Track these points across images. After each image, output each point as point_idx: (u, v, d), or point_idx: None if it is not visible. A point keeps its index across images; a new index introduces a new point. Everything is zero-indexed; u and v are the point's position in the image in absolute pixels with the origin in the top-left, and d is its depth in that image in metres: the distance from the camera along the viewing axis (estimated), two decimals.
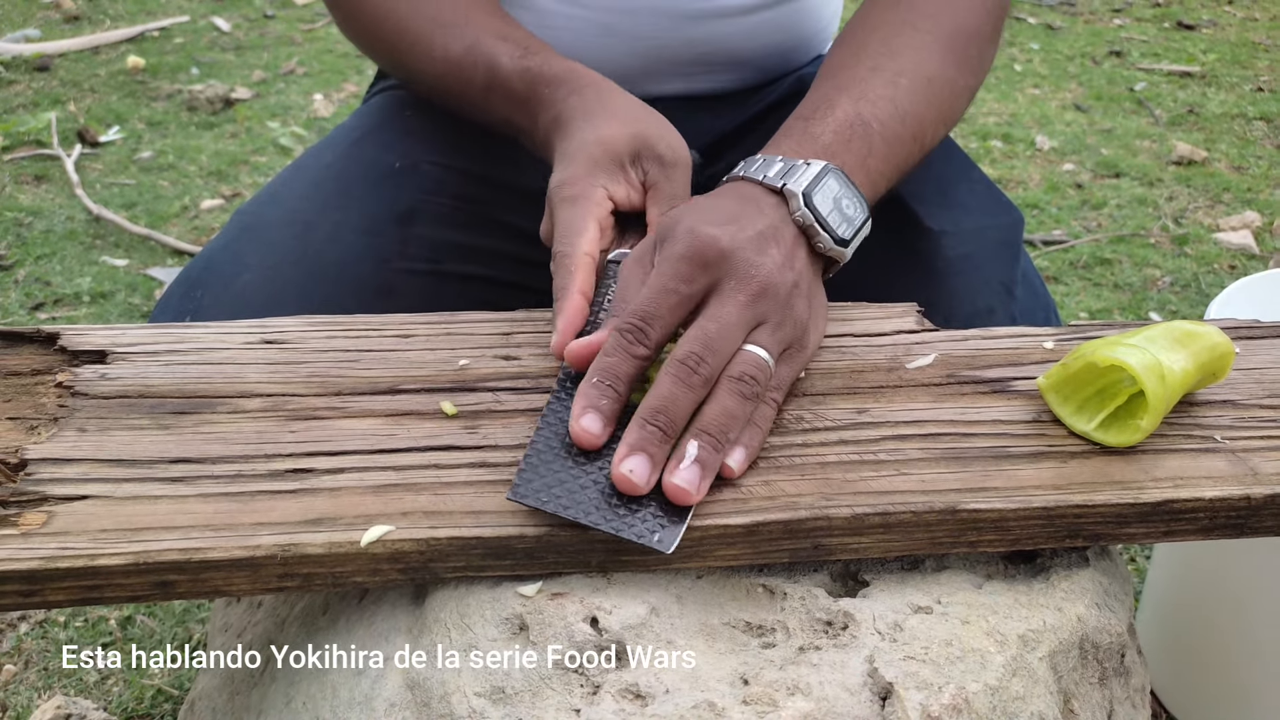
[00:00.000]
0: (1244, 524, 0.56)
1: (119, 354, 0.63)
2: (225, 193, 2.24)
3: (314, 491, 0.53)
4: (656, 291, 0.58)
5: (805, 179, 0.62)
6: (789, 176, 0.62)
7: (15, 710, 1.05)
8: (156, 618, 1.17)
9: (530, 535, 0.51)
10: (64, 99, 2.69)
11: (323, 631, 0.57)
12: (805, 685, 0.48)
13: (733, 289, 0.58)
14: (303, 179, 0.82)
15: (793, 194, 0.62)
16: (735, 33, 0.86)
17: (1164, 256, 2.00)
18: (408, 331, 0.66)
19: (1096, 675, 0.55)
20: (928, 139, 0.72)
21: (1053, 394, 0.60)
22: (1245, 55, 3.13)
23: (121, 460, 0.55)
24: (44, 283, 1.87)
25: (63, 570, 0.48)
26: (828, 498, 0.54)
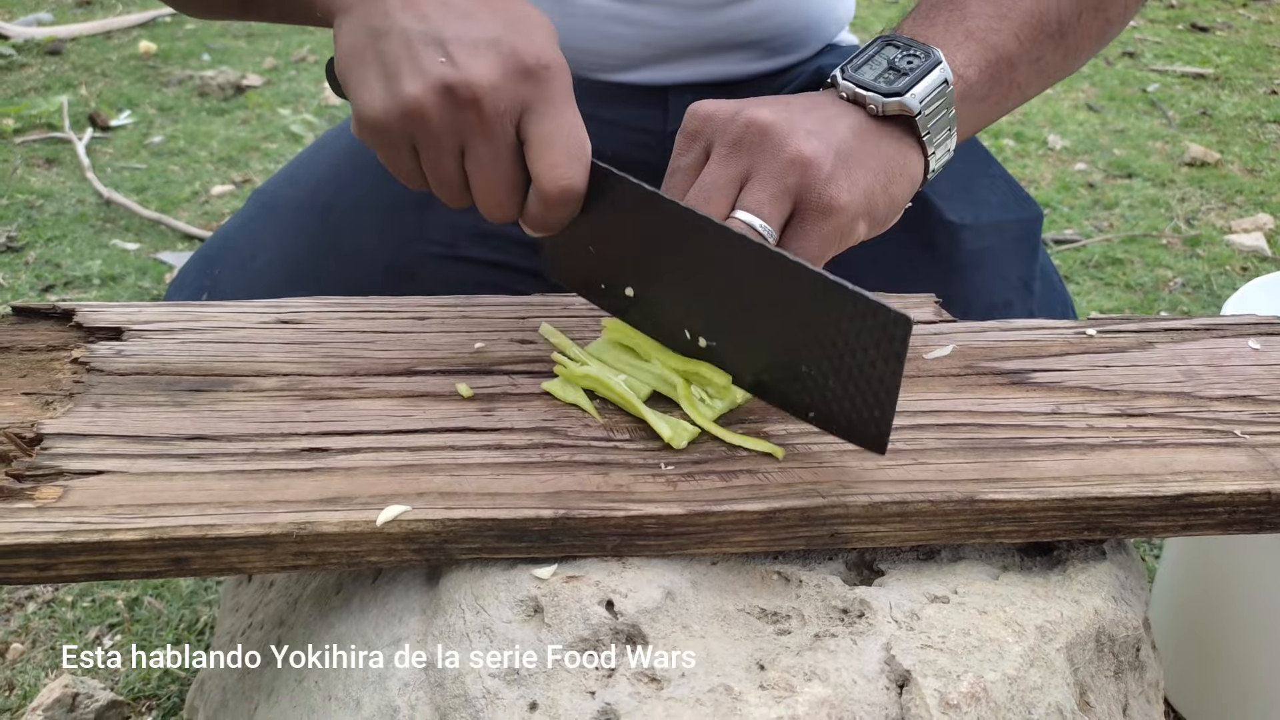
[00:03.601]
0: (1264, 519, 0.55)
1: (135, 331, 0.63)
2: (236, 179, 2.24)
3: (330, 471, 0.53)
4: (666, 177, 0.57)
5: (854, 61, 0.59)
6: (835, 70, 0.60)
7: (23, 689, 1.05)
8: (164, 599, 1.17)
9: (546, 518, 0.51)
10: (75, 83, 2.69)
11: (336, 611, 0.56)
12: (822, 671, 0.48)
13: (717, 145, 0.55)
14: (321, 161, 0.81)
15: (834, 77, 0.59)
16: (746, 15, 0.86)
17: (1176, 257, 2.00)
18: (424, 314, 0.66)
19: (1112, 668, 0.55)
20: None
21: None
22: (1259, 58, 3.12)
23: (137, 436, 0.55)
24: (54, 265, 1.87)
25: (78, 544, 0.48)
26: (845, 486, 0.53)
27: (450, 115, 0.52)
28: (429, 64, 0.52)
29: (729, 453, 0.56)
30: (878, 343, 0.50)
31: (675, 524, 0.51)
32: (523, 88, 0.53)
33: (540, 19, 0.55)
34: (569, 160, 0.53)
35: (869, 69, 0.59)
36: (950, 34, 0.61)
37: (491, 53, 0.52)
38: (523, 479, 0.53)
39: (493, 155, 0.53)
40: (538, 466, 0.54)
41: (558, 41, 0.55)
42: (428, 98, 0.52)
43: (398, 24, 0.53)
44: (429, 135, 0.53)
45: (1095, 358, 0.65)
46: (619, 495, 0.52)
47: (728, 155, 0.54)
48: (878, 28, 3.30)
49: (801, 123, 0.55)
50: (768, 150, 0.54)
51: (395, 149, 0.54)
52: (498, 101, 0.52)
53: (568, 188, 0.53)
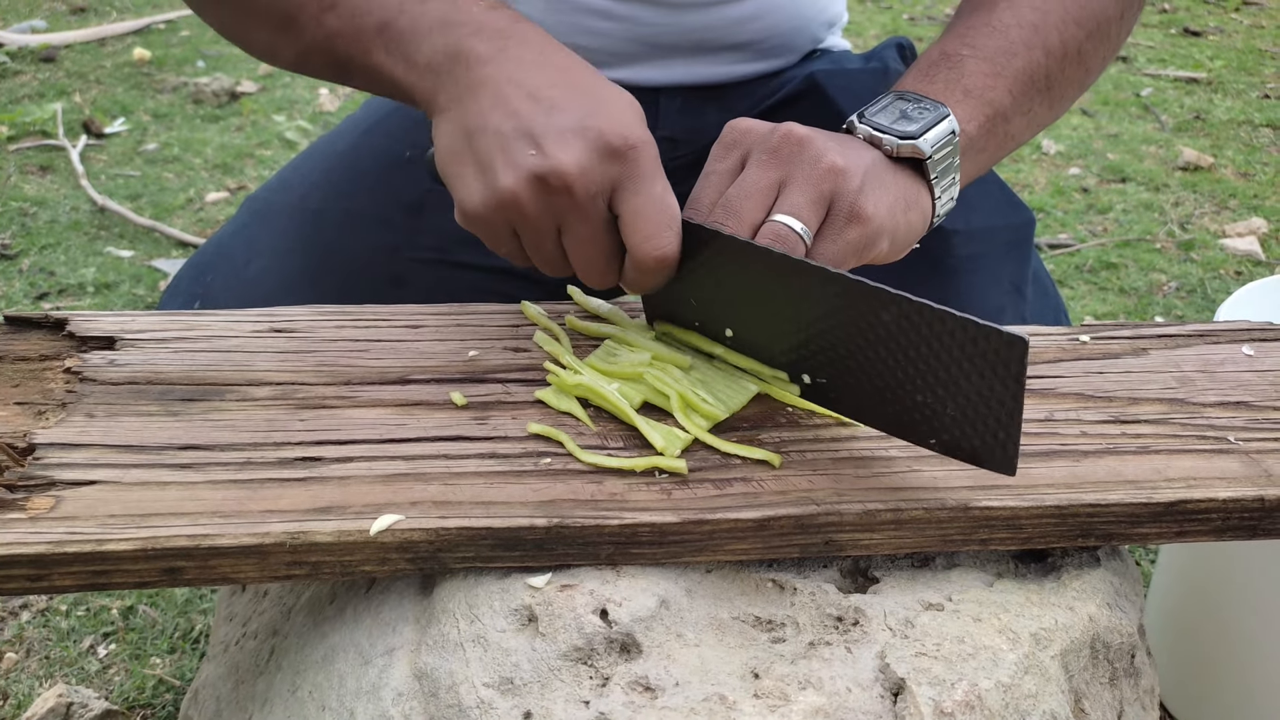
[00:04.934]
0: (1257, 525, 0.55)
1: (128, 340, 0.63)
2: (230, 185, 2.24)
3: (323, 480, 0.53)
4: (701, 180, 0.59)
5: (869, 109, 0.63)
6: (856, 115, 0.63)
7: (17, 699, 1.04)
8: (159, 608, 1.16)
9: (540, 526, 0.51)
10: (70, 90, 2.69)
11: (330, 621, 0.56)
12: (817, 680, 0.48)
13: (756, 152, 0.58)
14: (314, 167, 0.81)
15: (851, 122, 0.62)
16: (733, 16, 0.86)
17: (1170, 261, 2.00)
18: (417, 322, 0.66)
19: (1107, 675, 0.55)
20: (1055, 44, 0.68)
21: None
22: (1252, 62, 3.13)
23: (130, 446, 0.55)
24: (48, 273, 1.87)
25: (70, 555, 0.48)
26: (839, 494, 0.53)
27: (544, 202, 0.56)
28: (520, 157, 0.55)
29: (723, 461, 0.56)
30: (994, 366, 0.49)
31: (670, 532, 0.51)
32: (611, 168, 0.56)
33: (624, 99, 0.59)
34: (660, 230, 0.56)
35: (883, 115, 0.62)
36: (950, 91, 0.64)
37: (578, 140, 0.55)
38: (517, 487, 0.53)
39: (589, 232, 0.57)
40: (531, 475, 0.54)
41: (643, 118, 0.58)
42: (521, 189, 0.55)
43: (490, 122, 0.56)
44: (526, 221, 0.57)
45: (1089, 364, 0.65)
46: (613, 503, 0.52)
47: (767, 161, 0.57)
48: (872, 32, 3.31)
49: (833, 141, 0.59)
50: (805, 159, 0.57)
51: (498, 236, 0.58)
52: (589, 185, 0.55)
53: (661, 257, 0.56)
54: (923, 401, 0.53)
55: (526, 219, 0.56)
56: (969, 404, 0.51)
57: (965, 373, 0.50)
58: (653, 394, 0.59)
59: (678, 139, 0.88)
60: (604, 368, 0.61)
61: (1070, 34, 0.70)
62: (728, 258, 0.57)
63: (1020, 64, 0.67)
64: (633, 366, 0.60)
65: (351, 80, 0.67)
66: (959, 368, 0.50)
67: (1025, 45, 0.68)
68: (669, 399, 0.58)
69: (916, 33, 3.38)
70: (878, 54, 0.96)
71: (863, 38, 3.27)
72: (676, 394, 0.58)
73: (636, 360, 0.61)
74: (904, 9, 3.66)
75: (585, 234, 0.57)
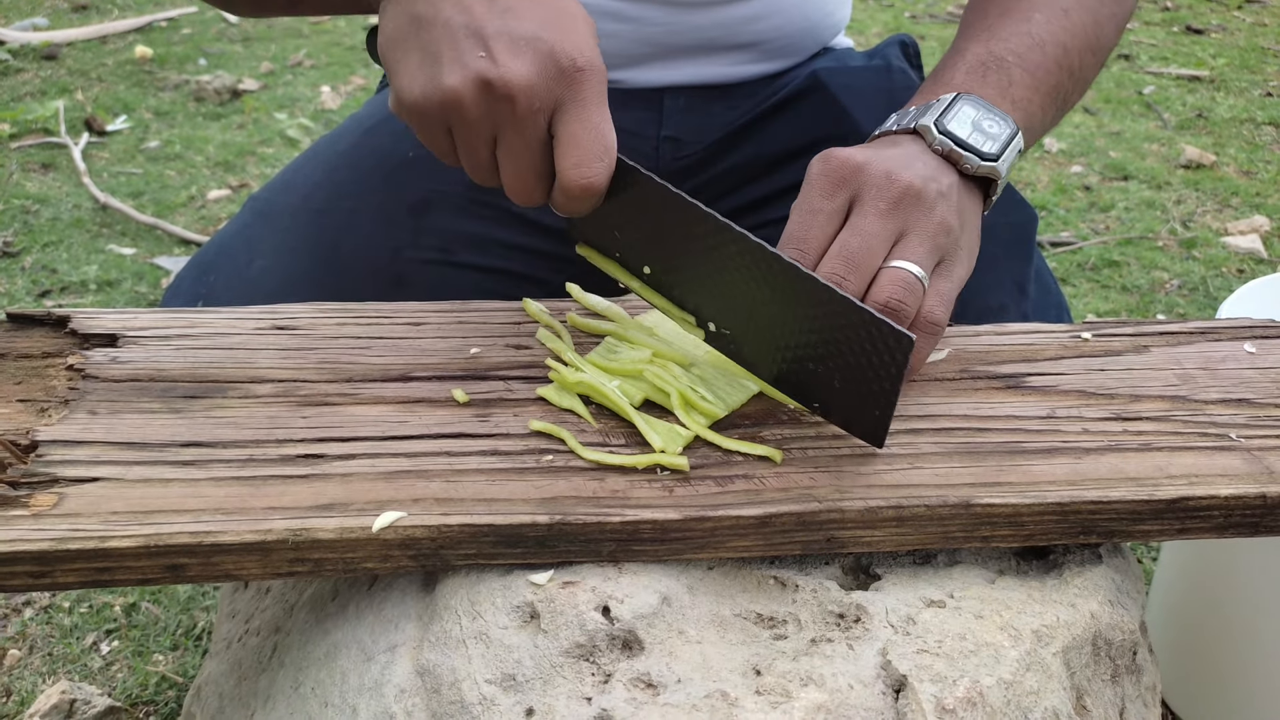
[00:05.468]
0: (1259, 522, 0.55)
1: (130, 338, 0.63)
2: (232, 183, 2.24)
3: (325, 477, 0.53)
4: (801, 215, 0.58)
5: (937, 111, 0.62)
6: (921, 116, 0.62)
7: (20, 695, 1.05)
8: (161, 605, 1.17)
9: (542, 523, 0.51)
10: (71, 88, 2.69)
11: (332, 617, 0.56)
12: (818, 676, 0.48)
13: (872, 198, 0.57)
14: (316, 167, 0.81)
15: (925, 128, 0.61)
16: (741, 16, 0.86)
17: (1172, 259, 2.00)
18: (419, 319, 0.66)
19: (1109, 672, 0.55)
20: (1076, 67, 0.70)
21: None
22: (1254, 60, 3.13)
23: (132, 443, 0.55)
24: (50, 270, 1.87)
25: (73, 552, 0.48)
26: (841, 490, 0.53)
27: (486, 108, 0.54)
28: (469, 58, 0.54)
29: (725, 458, 0.56)
30: (882, 355, 0.53)
31: (671, 529, 0.51)
32: (557, 87, 0.55)
33: (580, 15, 0.57)
34: (591, 159, 0.55)
35: (957, 124, 0.62)
36: (1002, 100, 0.65)
37: (530, 51, 0.54)
38: (519, 485, 0.53)
39: (523, 147, 0.56)
40: (533, 472, 0.54)
41: (596, 38, 0.57)
42: (466, 90, 0.54)
43: (442, 14, 0.55)
44: (464, 123, 0.55)
45: (1090, 361, 0.65)
46: (615, 500, 0.52)
47: (887, 211, 0.57)
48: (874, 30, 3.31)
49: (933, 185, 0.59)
50: (921, 212, 0.58)
51: (431, 130, 0.57)
52: (532, 100, 0.54)
53: (588, 185, 0.55)
54: (814, 369, 0.56)
55: (464, 121, 0.55)
56: (855, 381, 0.55)
57: (855, 354, 0.54)
58: (653, 391, 0.59)
59: (682, 138, 0.88)
60: (605, 364, 0.61)
61: (1087, 61, 0.71)
62: (652, 200, 0.58)
63: (1052, 82, 0.68)
64: (633, 364, 0.60)
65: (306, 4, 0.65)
66: (849, 348, 0.54)
67: (1056, 64, 0.68)
68: (669, 396, 0.58)
69: (918, 30, 3.37)
70: (880, 52, 0.96)
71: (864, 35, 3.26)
72: (676, 391, 0.58)
73: (637, 357, 0.61)
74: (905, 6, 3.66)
75: (519, 147, 0.56)
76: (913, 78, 0.94)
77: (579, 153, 0.55)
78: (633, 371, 0.60)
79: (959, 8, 3.62)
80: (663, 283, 0.61)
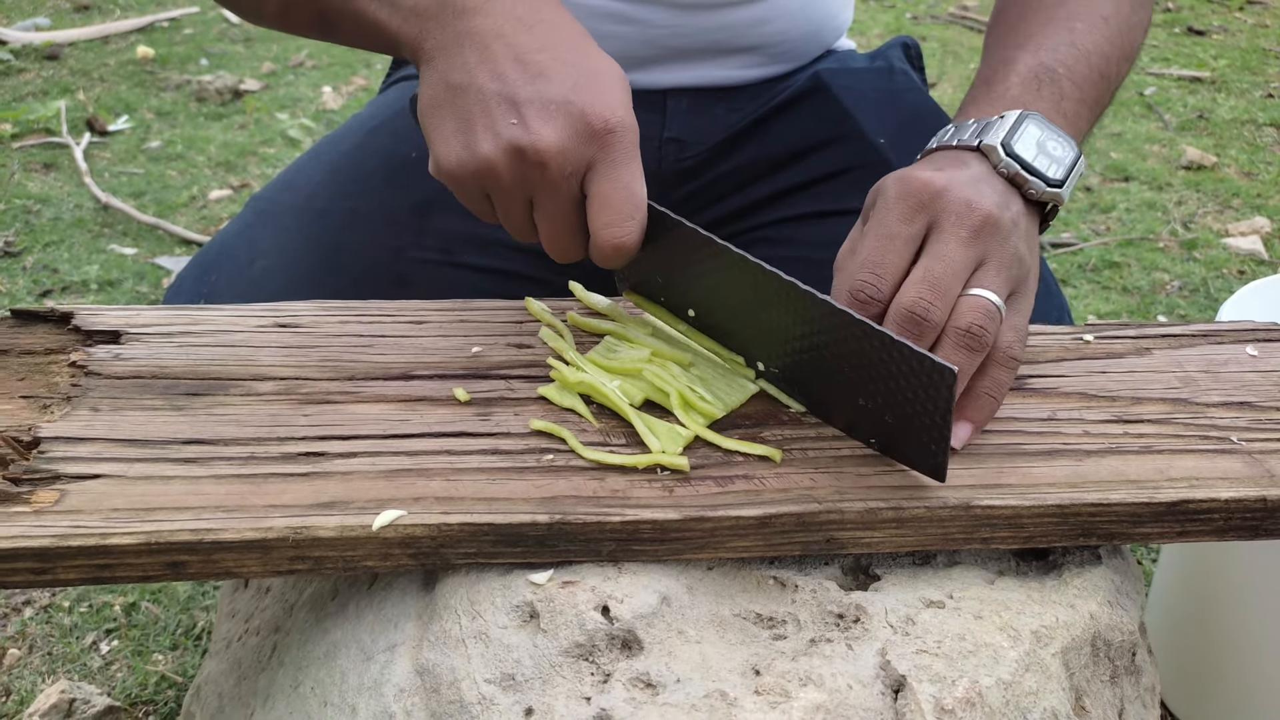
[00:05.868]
0: (1259, 525, 0.55)
1: (133, 335, 0.63)
2: (233, 183, 2.24)
3: (326, 475, 0.53)
4: (878, 239, 0.57)
5: (1002, 130, 0.61)
6: (984, 134, 0.61)
7: (19, 695, 1.05)
8: (161, 604, 1.17)
9: (542, 523, 0.51)
10: (73, 88, 2.69)
11: (332, 617, 0.56)
12: (817, 676, 0.48)
13: (953, 224, 0.57)
14: (319, 167, 0.81)
15: (991, 147, 0.61)
16: (746, 19, 0.86)
17: (1173, 261, 2.00)
18: (421, 318, 0.66)
19: (1108, 673, 0.55)
20: (1114, 77, 0.70)
21: None
22: (1255, 61, 3.13)
23: (134, 440, 0.55)
24: (52, 270, 1.87)
25: (74, 549, 0.48)
26: (841, 491, 0.53)
27: (520, 174, 0.56)
28: (502, 125, 0.55)
29: (725, 458, 0.56)
30: (926, 388, 0.52)
31: (671, 529, 0.52)
32: (588, 149, 0.56)
33: (612, 73, 0.58)
34: (621, 220, 0.56)
35: (1021, 145, 0.61)
36: (1055, 116, 0.64)
37: (561, 115, 0.55)
38: (519, 484, 0.53)
39: (557, 209, 0.57)
40: (534, 471, 0.54)
41: (629, 94, 0.58)
42: (499, 158, 0.55)
43: (475, 81, 0.56)
44: (500, 189, 0.57)
45: (1092, 363, 0.65)
46: (615, 500, 0.52)
47: (969, 240, 0.57)
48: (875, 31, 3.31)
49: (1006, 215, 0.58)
50: (998, 242, 0.58)
51: (469, 194, 0.59)
52: (564, 164, 0.55)
53: (619, 245, 0.56)
54: (864, 405, 0.55)
55: (500, 187, 0.56)
56: (904, 416, 0.53)
57: (901, 389, 0.53)
58: (653, 391, 0.59)
59: (685, 140, 0.88)
60: (605, 364, 0.61)
61: (1123, 70, 0.71)
62: (687, 245, 0.58)
63: (1095, 94, 0.68)
64: (633, 363, 0.60)
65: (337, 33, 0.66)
66: (895, 383, 0.53)
67: (1100, 75, 0.68)
68: (669, 396, 0.58)
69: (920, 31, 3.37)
70: (883, 53, 0.96)
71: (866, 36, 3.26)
72: (675, 391, 0.58)
73: (636, 357, 0.61)
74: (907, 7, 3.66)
75: (554, 210, 0.57)
76: (915, 79, 0.94)
77: (610, 213, 0.56)
78: (632, 371, 0.60)
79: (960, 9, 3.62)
80: (708, 325, 0.62)
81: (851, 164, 0.85)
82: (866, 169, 0.81)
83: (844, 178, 0.85)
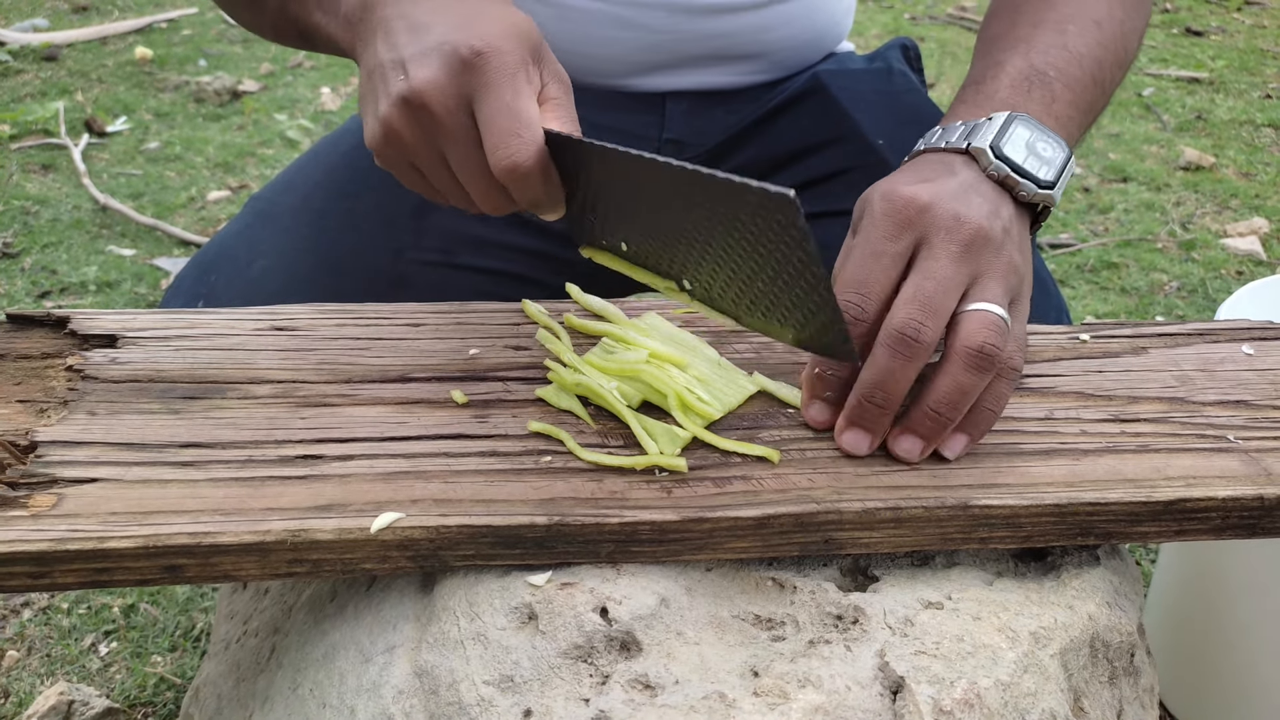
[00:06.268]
0: (1256, 524, 0.55)
1: (129, 338, 0.63)
2: (232, 184, 2.24)
3: (324, 478, 0.53)
4: (864, 257, 0.56)
5: (990, 133, 0.60)
6: (972, 136, 0.61)
7: (18, 696, 1.05)
8: (160, 606, 1.17)
9: (540, 524, 0.51)
10: (71, 89, 2.69)
11: (330, 619, 0.56)
12: (816, 678, 0.48)
13: (943, 241, 0.56)
14: (317, 168, 0.82)
15: (980, 150, 0.60)
16: (749, 26, 0.86)
17: (1171, 261, 2.00)
18: (418, 320, 0.66)
19: (1106, 674, 0.55)
20: (1107, 82, 0.69)
21: None
22: (1253, 62, 3.13)
23: (131, 444, 0.55)
24: (50, 271, 1.87)
25: (72, 552, 0.48)
26: (839, 492, 0.53)
27: (414, 125, 0.55)
28: (393, 85, 0.55)
29: (723, 459, 0.56)
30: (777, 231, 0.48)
31: (670, 530, 0.52)
32: (463, 79, 0.54)
33: (494, 10, 0.57)
34: (506, 138, 0.53)
35: (1010, 148, 0.60)
36: (1046, 118, 0.64)
37: (435, 56, 0.54)
38: (517, 485, 0.53)
39: (461, 153, 0.55)
40: (532, 473, 0.54)
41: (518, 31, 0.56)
42: (393, 114, 0.55)
43: (378, 58, 0.56)
44: (410, 150, 0.56)
45: (1089, 363, 0.65)
46: (613, 501, 0.52)
47: (960, 255, 0.56)
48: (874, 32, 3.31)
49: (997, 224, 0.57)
50: (991, 254, 0.57)
51: (401, 171, 0.58)
52: (445, 99, 0.54)
53: (511, 166, 0.54)
54: (764, 289, 0.52)
55: (407, 146, 0.56)
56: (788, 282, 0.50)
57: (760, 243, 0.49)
58: (650, 392, 0.59)
59: (684, 140, 0.88)
60: (602, 365, 0.61)
61: (1116, 76, 0.71)
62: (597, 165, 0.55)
63: (1089, 98, 0.67)
64: (630, 364, 0.60)
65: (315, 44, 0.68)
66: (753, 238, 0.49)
67: (1093, 80, 0.68)
68: (666, 397, 0.58)
69: (918, 32, 3.38)
70: (881, 54, 0.96)
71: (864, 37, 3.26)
72: (673, 392, 0.58)
73: (634, 358, 0.61)
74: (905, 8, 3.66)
75: (460, 157, 0.55)
76: (914, 80, 0.95)
77: (494, 135, 0.54)
78: (630, 372, 0.60)
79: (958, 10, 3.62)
80: (638, 254, 0.59)
81: (850, 165, 0.85)
82: (865, 170, 0.81)
83: (843, 178, 0.85)
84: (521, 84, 0.54)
